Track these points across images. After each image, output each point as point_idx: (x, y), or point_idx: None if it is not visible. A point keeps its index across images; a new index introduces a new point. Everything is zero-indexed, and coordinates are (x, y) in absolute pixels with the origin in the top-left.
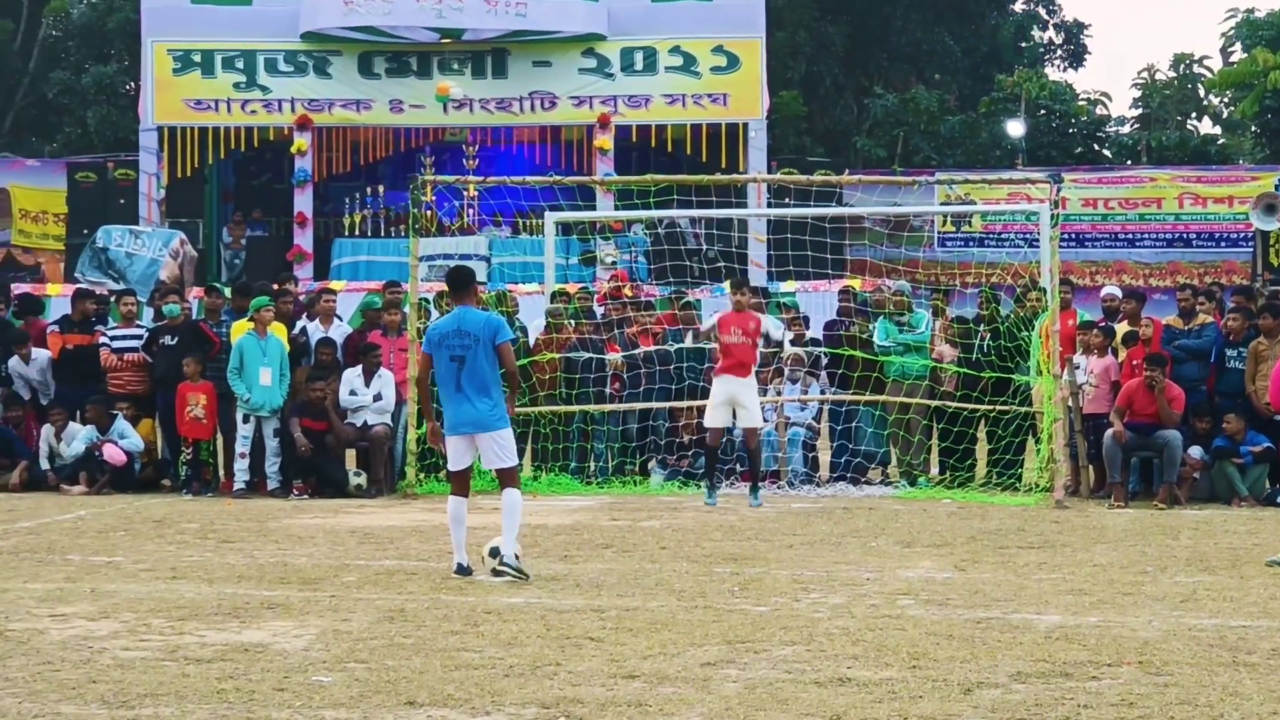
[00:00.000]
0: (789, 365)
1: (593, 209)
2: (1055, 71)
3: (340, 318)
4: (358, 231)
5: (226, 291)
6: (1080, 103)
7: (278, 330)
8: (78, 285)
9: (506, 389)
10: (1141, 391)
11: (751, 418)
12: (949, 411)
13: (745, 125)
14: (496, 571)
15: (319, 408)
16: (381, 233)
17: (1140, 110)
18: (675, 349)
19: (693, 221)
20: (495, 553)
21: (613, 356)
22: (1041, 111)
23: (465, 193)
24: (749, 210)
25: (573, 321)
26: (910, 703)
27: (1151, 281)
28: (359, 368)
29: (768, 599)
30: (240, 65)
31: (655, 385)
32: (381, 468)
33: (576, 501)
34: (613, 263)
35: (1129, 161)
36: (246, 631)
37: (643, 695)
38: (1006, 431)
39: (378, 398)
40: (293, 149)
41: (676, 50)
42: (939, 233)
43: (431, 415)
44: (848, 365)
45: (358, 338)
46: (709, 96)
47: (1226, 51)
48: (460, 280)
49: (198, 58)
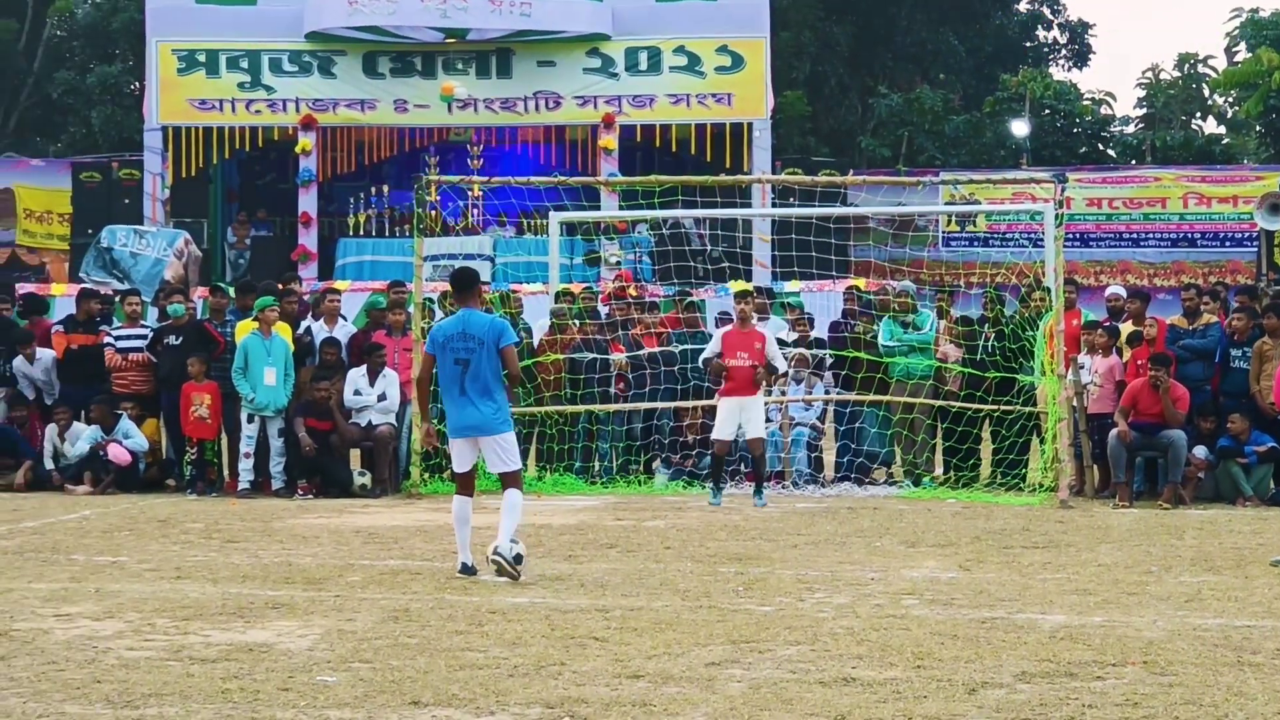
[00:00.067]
0: (794, 366)
1: (597, 209)
2: (1060, 71)
3: (345, 317)
4: (362, 231)
5: (231, 291)
6: (1085, 102)
7: (282, 330)
8: (82, 285)
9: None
10: (1146, 391)
11: (757, 429)
12: (953, 411)
13: (750, 125)
14: (493, 561)
15: (323, 407)
16: (386, 233)
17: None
18: (680, 350)
19: (697, 222)
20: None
21: (617, 357)
22: (1046, 111)
23: (470, 193)
24: (753, 210)
25: (577, 322)
26: (915, 703)
27: (1156, 281)
28: (363, 367)
29: (772, 599)
30: (245, 65)
31: (660, 385)
32: (386, 467)
33: (581, 501)
34: (617, 263)
35: (1134, 161)
36: (251, 631)
37: (647, 695)
38: (1011, 431)
39: (382, 397)
40: (297, 149)
41: (681, 50)
42: (943, 232)
43: (428, 416)
44: (852, 365)
45: (362, 337)
46: (713, 96)
47: (1231, 51)
48: (464, 282)
49: (202, 58)
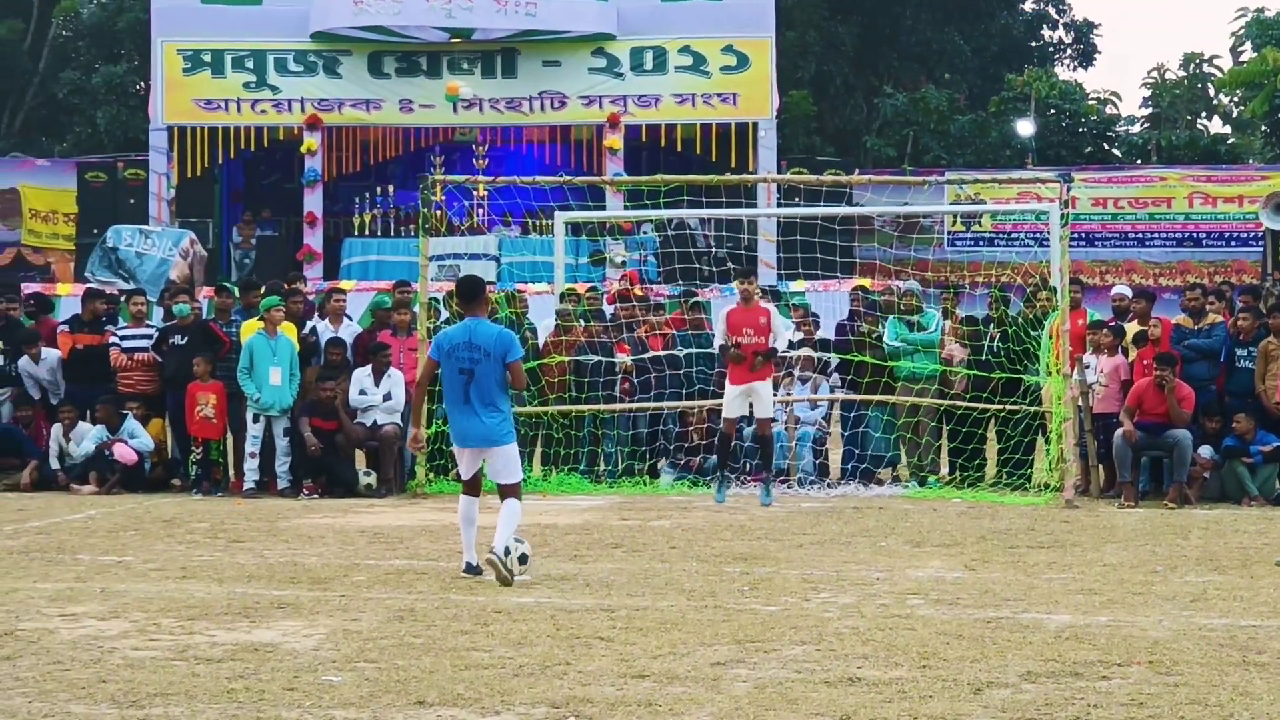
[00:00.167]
0: (799, 366)
1: (602, 209)
2: (1065, 71)
3: (350, 317)
4: (367, 231)
5: (236, 291)
6: (1090, 102)
7: (288, 330)
8: (88, 285)
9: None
10: (1151, 391)
11: (765, 409)
12: (959, 412)
13: (755, 125)
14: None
15: (329, 407)
16: (391, 232)
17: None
18: (685, 353)
19: (702, 222)
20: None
21: (622, 357)
22: (1051, 111)
23: (475, 192)
24: (759, 210)
25: (582, 322)
26: (920, 702)
27: (1161, 281)
28: (369, 367)
29: (777, 598)
30: (250, 65)
31: (665, 386)
32: (391, 467)
33: (586, 501)
34: (622, 263)
35: (1139, 161)
36: (256, 631)
37: (652, 695)
38: (1016, 431)
39: (387, 397)
40: (302, 149)
41: (686, 50)
42: (949, 232)
43: (421, 421)
44: (857, 366)
45: (367, 337)
46: (719, 96)
47: (1236, 51)
48: (471, 291)
49: (208, 57)
